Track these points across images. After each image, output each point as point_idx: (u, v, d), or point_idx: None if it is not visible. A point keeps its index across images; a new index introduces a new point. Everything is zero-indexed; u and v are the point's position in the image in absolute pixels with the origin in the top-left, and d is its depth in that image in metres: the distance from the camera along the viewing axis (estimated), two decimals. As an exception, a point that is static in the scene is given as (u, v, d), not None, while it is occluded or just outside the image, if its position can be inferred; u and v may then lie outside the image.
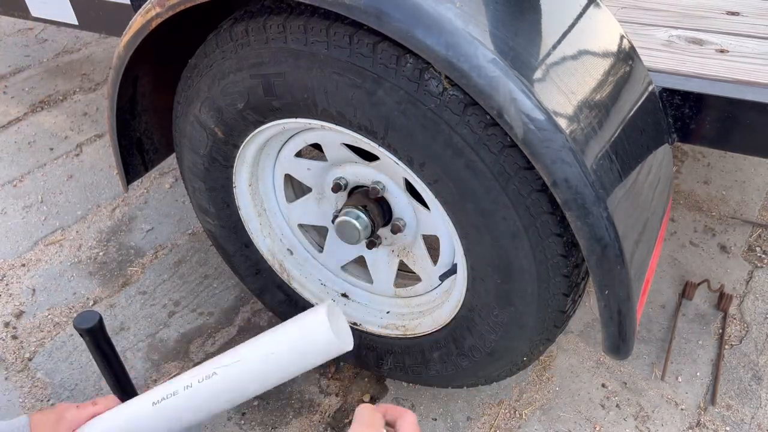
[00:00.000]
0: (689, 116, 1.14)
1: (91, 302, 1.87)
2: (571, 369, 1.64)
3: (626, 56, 1.10)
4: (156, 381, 1.63)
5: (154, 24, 1.13)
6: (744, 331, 1.72)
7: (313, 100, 1.08)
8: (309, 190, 1.43)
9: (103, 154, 2.54)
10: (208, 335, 1.76)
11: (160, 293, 1.90)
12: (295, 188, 1.51)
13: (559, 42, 1.01)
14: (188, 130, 1.31)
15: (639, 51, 1.13)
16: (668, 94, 1.14)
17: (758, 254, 1.96)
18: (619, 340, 1.04)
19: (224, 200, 1.42)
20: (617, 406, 1.55)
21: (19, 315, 1.84)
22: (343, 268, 1.53)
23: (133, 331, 1.78)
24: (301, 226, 1.52)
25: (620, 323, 1.02)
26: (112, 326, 1.78)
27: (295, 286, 1.54)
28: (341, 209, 1.31)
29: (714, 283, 1.82)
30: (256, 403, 1.57)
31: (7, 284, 1.94)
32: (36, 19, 2.13)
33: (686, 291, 1.80)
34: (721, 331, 1.71)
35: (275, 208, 1.50)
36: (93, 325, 1.19)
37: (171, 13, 1.10)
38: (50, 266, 2.00)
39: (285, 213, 1.51)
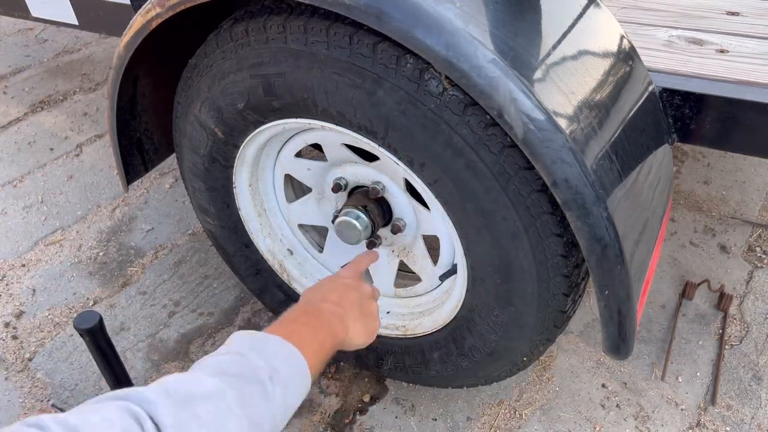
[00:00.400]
0: (689, 116, 1.14)
1: (91, 302, 1.87)
2: (571, 369, 1.63)
3: (626, 56, 1.10)
4: (156, 381, 1.63)
5: (155, 24, 1.13)
6: (744, 332, 1.72)
7: (313, 101, 1.08)
8: (309, 190, 1.43)
9: (103, 154, 2.54)
10: (208, 335, 1.76)
11: (160, 293, 1.90)
12: (295, 188, 1.51)
13: (559, 42, 1.01)
14: (188, 130, 1.31)
15: (639, 51, 1.12)
16: (668, 94, 1.14)
17: (758, 254, 1.96)
18: (619, 340, 1.04)
19: (224, 200, 1.42)
20: (617, 406, 1.54)
21: (19, 315, 1.84)
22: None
23: (133, 331, 1.78)
24: (301, 226, 1.52)
25: (620, 323, 1.02)
26: (112, 326, 1.78)
27: (295, 287, 1.54)
28: (341, 209, 1.31)
29: (714, 283, 1.82)
30: (256, 403, 1.57)
31: (7, 284, 1.94)
32: (36, 19, 2.13)
33: (686, 291, 1.80)
34: (721, 331, 1.71)
35: (275, 208, 1.50)
36: (93, 325, 1.19)
37: (171, 13, 1.10)
38: (50, 266, 2.00)
39: (285, 213, 1.51)
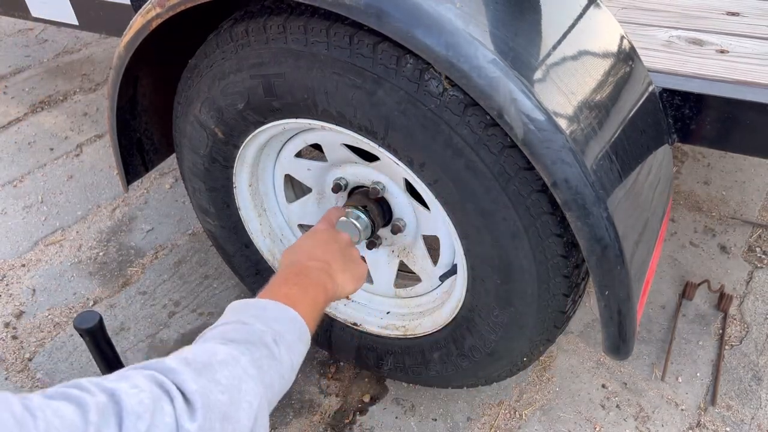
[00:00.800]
0: (689, 116, 1.14)
1: (91, 302, 1.87)
2: (571, 369, 1.63)
3: (626, 57, 1.10)
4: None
5: (155, 24, 1.13)
6: (744, 332, 1.71)
7: (313, 101, 1.08)
8: (309, 190, 1.43)
9: (104, 155, 2.54)
10: (208, 335, 1.76)
11: (160, 293, 1.90)
12: (295, 188, 1.51)
13: (559, 42, 1.01)
14: (188, 131, 1.31)
15: (639, 51, 1.12)
16: (668, 94, 1.14)
17: (758, 255, 1.96)
18: (619, 341, 1.04)
19: (224, 200, 1.42)
20: (617, 406, 1.54)
21: (19, 315, 1.84)
22: (343, 268, 1.53)
23: (134, 331, 1.78)
24: (301, 226, 1.52)
25: (620, 323, 1.02)
26: (112, 326, 1.78)
27: (295, 287, 1.54)
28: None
29: (714, 283, 1.82)
30: (256, 403, 1.57)
31: (7, 284, 1.94)
32: (36, 20, 2.13)
33: (686, 291, 1.80)
34: (721, 331, 1.71)
35: (275, 208, 1.50)
36: (93, 325, 1.19)
37: (171, 14, 1.10)
38: (50, 266, 2.00)
39: (285, 213, 1.51)
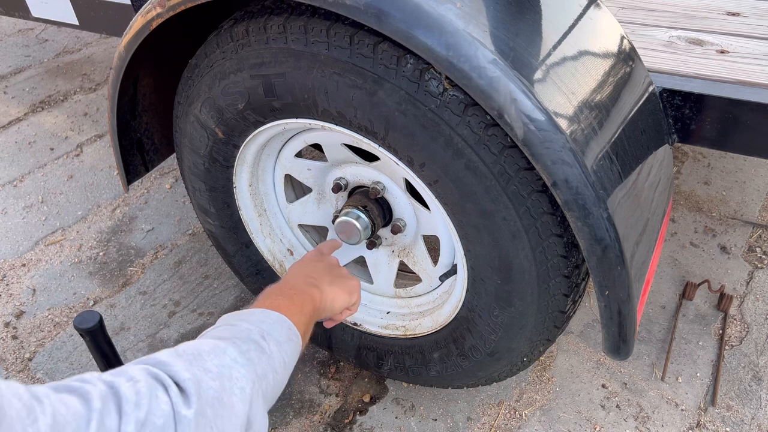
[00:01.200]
0: (689, 117, 1.14)
1: (91, 302, 1.87)
2: (571, 369, 1.63)
3: (627, 57, 1.10)
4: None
5: (155, 24, 1.13)
6: (744, 332, 1.71)
7: (313, 101, 1.08)
8: (309, 190, 1.43)
9: (104, 154, 2.54)
10: (208, 335, 1.76)
11: (160, 293, 1.90)
12: (296, 188, 1.51)
13: (559, 42, 1.01)
14: (189, 131, 1.31)
15: (639, 51, 1.12)
16: (668, 94, 1.14)
17: (758, 255, 1.96)
18: (619, 341, 1.04)
19: (224, 200, 1.42)
20: (617, 406, 1.54)
21: (19, 315, 1.84)
22: (343, 268, 1.53)
23: (134, 331, 1.78)
24: (301, 226, 1.52)
25: (620, 324, 1.02)
26: (112, 326, 1.78)
27: (296, 287, 1.54)
28: (341, 209, 1.31)
29: (714, 283, 1.82)
30: (256, 403, 1.57)
31: (7, 284, 1.94)
32: (36, 20, 2.14)
33: (686, 291, 1.80)
34: (721, 331, 1.71)
35: (275, 208, 1.50)
36: (93, 325, 1.19)
37: (171, 14, 1.10)
38: (50, 266, 2.00)
39: (285, 213, 1.51)
